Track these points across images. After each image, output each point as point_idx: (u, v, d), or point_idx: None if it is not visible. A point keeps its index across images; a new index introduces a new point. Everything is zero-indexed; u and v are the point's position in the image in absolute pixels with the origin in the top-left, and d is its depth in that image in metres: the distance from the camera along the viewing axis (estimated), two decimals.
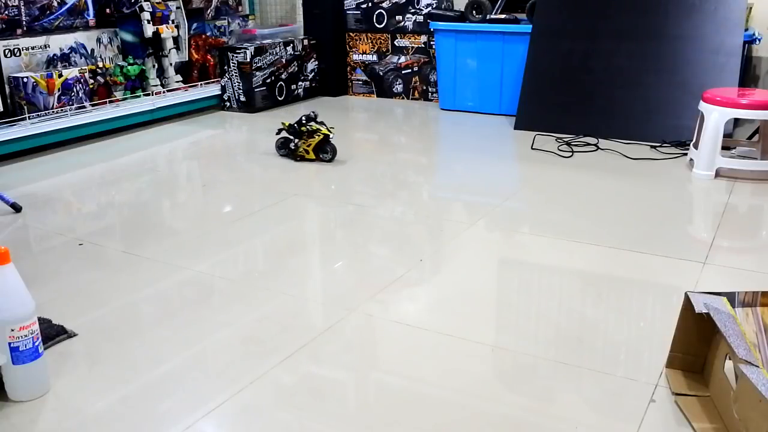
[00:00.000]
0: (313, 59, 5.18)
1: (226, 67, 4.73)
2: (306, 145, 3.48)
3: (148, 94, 4.39)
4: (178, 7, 4.60)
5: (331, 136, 3.47)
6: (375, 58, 5.16)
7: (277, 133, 3.57)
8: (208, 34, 4.94)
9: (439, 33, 4.58)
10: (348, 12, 5.16)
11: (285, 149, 3.58)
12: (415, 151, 3.77)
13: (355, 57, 5.23)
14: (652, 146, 3.69)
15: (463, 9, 4.53)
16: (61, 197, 3.09)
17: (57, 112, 3.85)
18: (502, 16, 4.42)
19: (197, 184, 3.26)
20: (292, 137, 3.51)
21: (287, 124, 3.52)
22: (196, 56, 4.82)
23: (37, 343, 1.60)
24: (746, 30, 3.74)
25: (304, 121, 3.48)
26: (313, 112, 3.50)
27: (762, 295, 1.61)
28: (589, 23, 4.01)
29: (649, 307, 2.02)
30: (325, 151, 3.49)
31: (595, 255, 2.37)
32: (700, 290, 1.85)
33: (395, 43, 5.05)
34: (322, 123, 3.46)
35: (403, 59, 5.06)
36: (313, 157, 3.50)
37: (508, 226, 2.64)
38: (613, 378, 1.67)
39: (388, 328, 1.91)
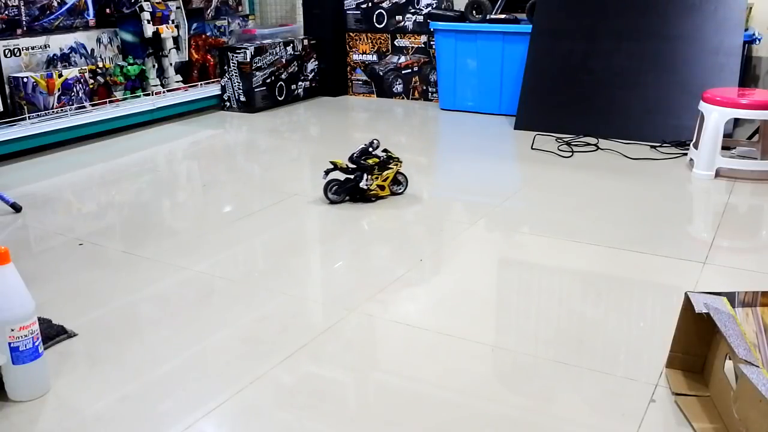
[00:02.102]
0: (313, 59, 5.18)
1: (226, 67, 4.73)
2: (382, 180, 2.91)
3: (148, 94, 4.39)
4: (178, 7, 4.60)
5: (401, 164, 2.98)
6: (375, 58, 5.16)
7: (325, 176, 2.88)
8: (208, 34, 4.94)
9: (439, 33, 4.58)
10: (348, 12, 5.16)
11: (342, 194, 2.91)
12: (415, 151, 3.76)
13: (355, 57, 5.23)
14: (652, 146, 3.69)
15: (463, 9, 4.53)
16: (61, 197, 3.09)
17: (57, 112, 3.85)
18: (502, 16, 4.42)
19: (197, 184, 3.25)
20: (353, 176, 2.88)
21: (340, 163, 2.88)
22: (196, 56, 4.82)
23: (37, 343, 1.60)
24: (746, 30, 3.74)
25: (371, 152, 2.90)
26: (375, 141, 2.93)
27: (762, 295, 1.61)
28: (589, 23, 4.00)
29: (649, 307, 2.02)
30: (398, 182, 2.99)
31: (595, 255, 2.37)
32: (700, 290, 1.85)
33: (395, 43, 5.05)
34: (386, 150, 2.96)
35: (403, 59, 5.06)
36: (388, 193, 2.96)
37: (508, 226, 2.64)
38: (613, 378, 1.67)
39: (388, 328, 1.91)
